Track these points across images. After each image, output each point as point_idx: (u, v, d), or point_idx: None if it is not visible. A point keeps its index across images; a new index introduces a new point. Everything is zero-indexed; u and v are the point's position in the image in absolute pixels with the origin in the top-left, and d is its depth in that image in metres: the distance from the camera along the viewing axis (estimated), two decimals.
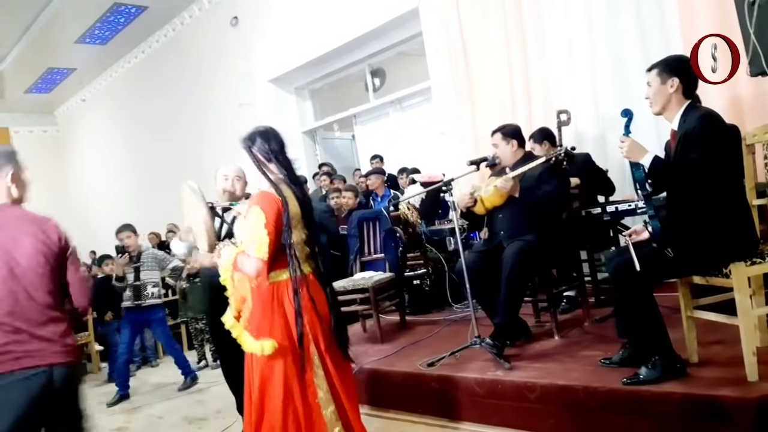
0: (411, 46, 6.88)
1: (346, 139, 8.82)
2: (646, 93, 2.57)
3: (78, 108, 12.36)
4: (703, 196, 2.39)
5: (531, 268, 3.33)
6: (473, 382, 2.99)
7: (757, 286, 2.58)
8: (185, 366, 5.25)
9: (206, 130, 8.87)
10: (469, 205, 3.51)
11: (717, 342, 2.78)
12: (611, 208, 3.61)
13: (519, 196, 3.33)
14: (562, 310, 4.01)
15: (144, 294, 5.16)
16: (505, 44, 5.18)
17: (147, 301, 5.17)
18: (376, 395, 3.44)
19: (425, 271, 4.91)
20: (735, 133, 2.83)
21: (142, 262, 5.21)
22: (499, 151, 3.53)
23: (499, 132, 3.56)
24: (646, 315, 2.48)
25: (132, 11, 8.66)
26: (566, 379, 2.72)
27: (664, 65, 2.51)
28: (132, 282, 5.15)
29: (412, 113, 7.35)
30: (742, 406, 2.19)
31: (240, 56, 8.19)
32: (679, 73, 2.47)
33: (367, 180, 6.12)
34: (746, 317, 2.32)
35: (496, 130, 3.59)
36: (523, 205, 3.35)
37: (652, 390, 2.40)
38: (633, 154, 2.44)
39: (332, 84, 8.37)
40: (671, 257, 2.41)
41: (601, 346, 3.10)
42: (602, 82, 4.68)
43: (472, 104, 5.51)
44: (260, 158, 2.29)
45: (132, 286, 5.15)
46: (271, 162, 2.29)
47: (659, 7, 4.36)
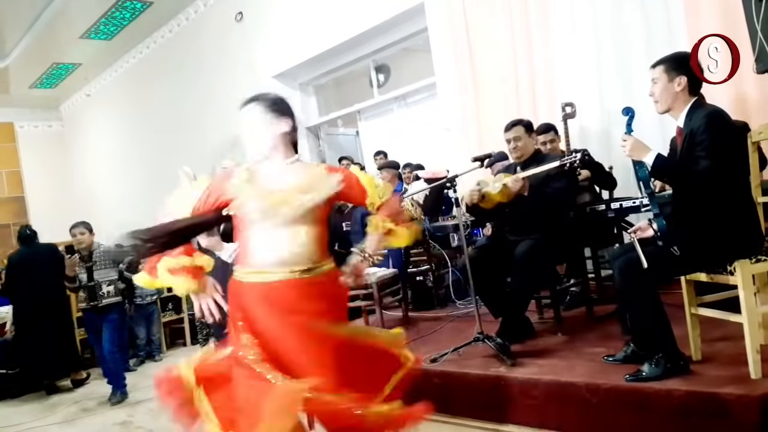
0: (416, 42, 6.86)
1: (350, 134, 8.81)
2: (650, 90, 2.54)
3: (83, 103, 12.37)
4: (708, 193, 2.38)
5: (542, 266, 3.33)
6: (476, 379, 2.99)
7: (761, 283, 2.58)
8: (117, 379, 5.03)
9: (210, 125, 8.87)
10: (475, 201, 3.51)
11: (720, 339, 2.78)
12: (615, 204, 3.60)
13: (527, 194, 3.33)
14: (566, 307, 4.01)
15: (99, 294, 4.93)
16: (510, 41, 5.17)
17: (103, 301, 4.95)
18: None
19: (428, 267, 4.91)
20: (742, 130, 2.82)
21: (94, 261, 4.99)
22: (522, 143, 3.51)
23: (521, 125, 3.54)
24: (651, 312, 2.47)
25: (137, 7, 8.66)
26: (569, 376, 2.72)
27: (671, 62, 2.48)
28: (86, 283, 4.94)
29: (416, 109, 7.33)
30: (746, 404, 2.18)
31: (244, 52, 8.19)
32: (686, 70, 2.45)
33: (381, 174, 6.12)
34: (750, 315, 2.32)
35: (516, 123, 3.56)
36: (531, 203, 3.35)
37: (655, 387, 2.40)
38: (635, 152, 2.44)
39: (336, 80, 8.35)
40: (677, 255, 2.40)
41: (605, 343, 3.10)
42: (607, 77, 4.66)
43: (477, 100, 5.50)
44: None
45: (86, 287, 4.93)
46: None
47: (664, 2, 4.33)
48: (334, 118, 8.41)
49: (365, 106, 7.91)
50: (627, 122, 2.50)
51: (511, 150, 3.56)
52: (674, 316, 2.57)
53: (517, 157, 3.55)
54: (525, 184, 3.30)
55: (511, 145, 3.55)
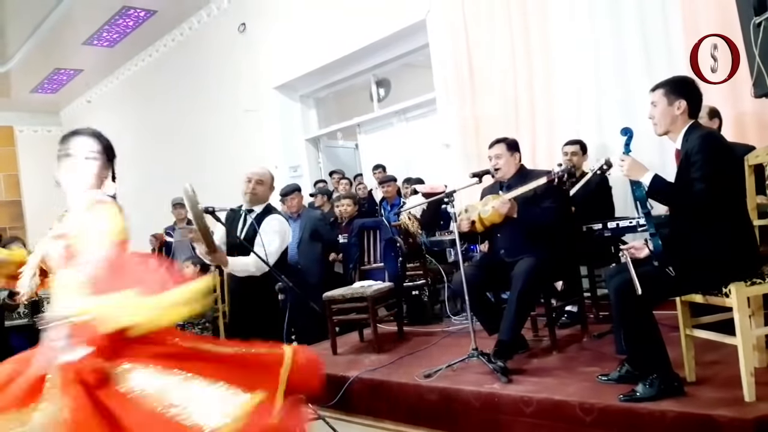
0: (417, 58, 6.91)
1: (350, 147, 8.84)
2: (650, 113, 2.56)
3: (83, 109, 12.39)
4: (704, 215, 2.39)
5: (540, 285, 3.33)
6: (470, 395, 2.97)
7: (756, 306, 2.58)
8: None
9: (211, 135, 8.90)
10: (465, 229, 3.51)
11: (715, 361, 2.78)
12: (612, 224, 3.61)
13: (517, 216, 3.33)
14: (561, 325, 4.00)
15: (42, 310, 4.59)
16: (510, 58, 5.21)
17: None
18: (372, 405, 3.43)
19: (424, 282, 4.91)
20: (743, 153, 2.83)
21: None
22: (503, 162, 3.51)
23: (504, 143, 3.53)
24: (646, 333, 2.47)
25: (141, 15, 8.71)
26: (563, 394, 2.71)
27: (671, 86, 2.51)
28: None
29: (416, 124, 7.37)
30: (739, 427, 2.17)
31: (246, 63, 8.23)
32: (686, 94, 2.47)
33: (386, 187, 6.13)
34: (745, 337, 2.31)
35: (499, 140, 3.56)
36: (521, 224, 3.35)
37: (649, 408, 2.39)
38: (633, 172, 2.46)
39: (337, 93, 8.40)
40: (672, 276, 2.41)
41: (599, 362, 3.09)
42: (606, 94, 4.69)
43: (477, 117, 5.53)
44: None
45: (29, 303, 4.66)
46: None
47: (664, 23, 4.38)
48: (333, 130, 8.44)
49: (365, 120, 7.94)
50: (625, 142, 2.52)
51: (493, 168, 3.54)
52: (669, 337, 2.57)
53: (499, 175, 3.53)
54: (513, 206, 3.31)
55: (492, 162, 3.53)
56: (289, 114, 8.29)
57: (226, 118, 8.55)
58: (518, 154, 3.54)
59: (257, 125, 8.18)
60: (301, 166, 8.28)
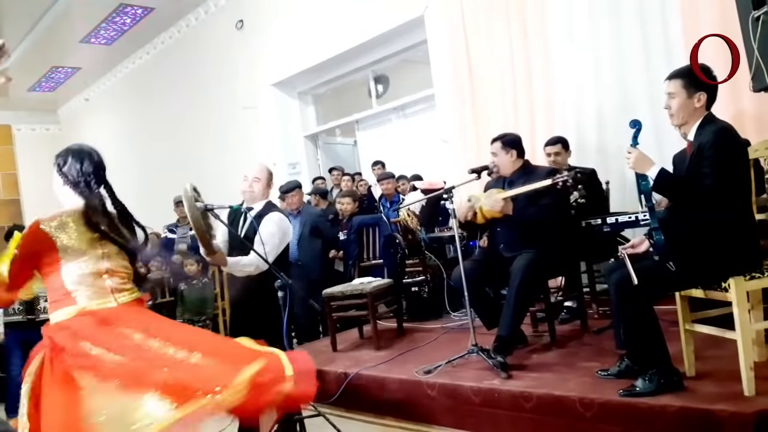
0: (415, 54, 6.89)
1: (348, 144, 8.83)
2: (666, 103, 2.52)
3: (81, 107, 12.37)
4: (709, 210, 2.38)
5: (539, 280, 3.33)
6: (470, 391, 2.98)
7: (755, 300, 2.58)
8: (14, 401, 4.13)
9: (209, 132, 8.88)
10: (468, 217, 3.51)
11: (715, 356, 2.78)
12: (611, 219, 3.61)
13: (513, 213, 3.34)
14: (561, 320, 4.01)
15: (37, 308, 4.53)
16: (509, 54, 5.19)
17: (41, 315, 4.45)
18: (372, 402, 3.43)
19: (424, 278, 4.91)
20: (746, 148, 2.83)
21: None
22: (498, 159, 3.53)
23: (499, 141, 3.55)
24: (646, 328, 2.47)
25: (138, 12, 8.68)
26: (563, 390, 2.71)
27: (691, 78, 2.46)
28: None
29: (414, 120, 7.35)
30: (739, 421, 2.18)
31: (244, 60, 8.21)
32: (705, 86, 2.45)
33: (385, 184, 6.13)
34: (744, 332, 2.32)
35: (496, 138, 3.58)
36: (519, 221, 3.36)
37: (649, 402, 2.40)
38: (639, 165, 2.44)
39: (335, 89, 8.38)
40: (673, 271, 2.40)
41: (599, 357, 3.09)
42: (605, 90, 4.68)
43: (475, 113, 5.52)
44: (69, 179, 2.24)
45: (23, 301, 4.44)
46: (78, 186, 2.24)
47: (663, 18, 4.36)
48: (332, 127, 8.43)
49: (364, 116, 7.93)
50: (633, 135, 2.49)
51: (490, 165, 3.58)
52: (668, 331, 2.57)
53: (495, 172, 3.56)
54: (507, 204, 3.32)
55: (490, 159, 3.58)
56: (288, 111, 8.28)
57: (225, 115, 8.54)
58: (515, 150, 3.53)
59: (255, 122, 8.16)
60: (299, 162, 8.27)
